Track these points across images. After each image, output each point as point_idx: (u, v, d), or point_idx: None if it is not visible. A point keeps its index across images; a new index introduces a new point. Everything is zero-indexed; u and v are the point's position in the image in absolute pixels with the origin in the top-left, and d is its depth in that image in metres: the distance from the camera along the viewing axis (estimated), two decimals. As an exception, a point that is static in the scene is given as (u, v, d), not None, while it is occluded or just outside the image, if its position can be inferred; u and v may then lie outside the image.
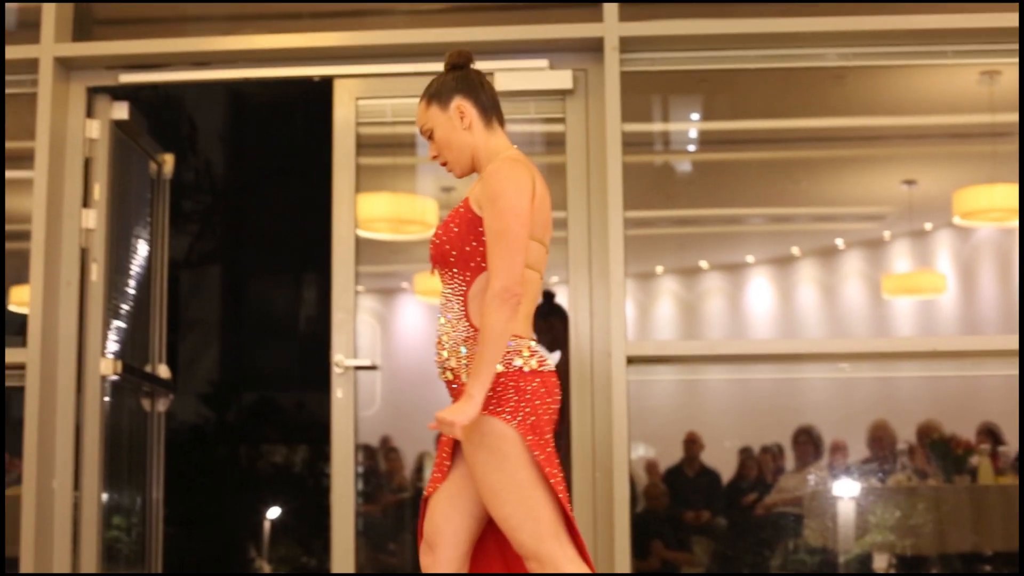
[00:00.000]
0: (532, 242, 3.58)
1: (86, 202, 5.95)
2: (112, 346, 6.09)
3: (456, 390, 3.61)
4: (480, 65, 5.76)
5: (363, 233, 5.97)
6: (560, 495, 3.53)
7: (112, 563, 6.26)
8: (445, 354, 3.63)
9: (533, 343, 3.62)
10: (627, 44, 5.74)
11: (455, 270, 3.64)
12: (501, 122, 3.80)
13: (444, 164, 3.81)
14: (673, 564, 7.85)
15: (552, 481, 3.52)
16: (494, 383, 3.51)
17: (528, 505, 3.50)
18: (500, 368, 3.52)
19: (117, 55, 6.00)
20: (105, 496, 6.06)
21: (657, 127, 6.97)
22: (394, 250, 9.03)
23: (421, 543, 3.72)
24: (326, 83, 5.94)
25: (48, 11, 5.98)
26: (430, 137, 3.78)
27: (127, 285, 6.38)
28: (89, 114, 6.04)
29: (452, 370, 3.61)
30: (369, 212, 7.96)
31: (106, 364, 5.93)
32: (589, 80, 5.85)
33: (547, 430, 3.57)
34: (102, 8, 6.26)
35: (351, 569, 5.72)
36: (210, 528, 8.99)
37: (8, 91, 6.14)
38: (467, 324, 3.57)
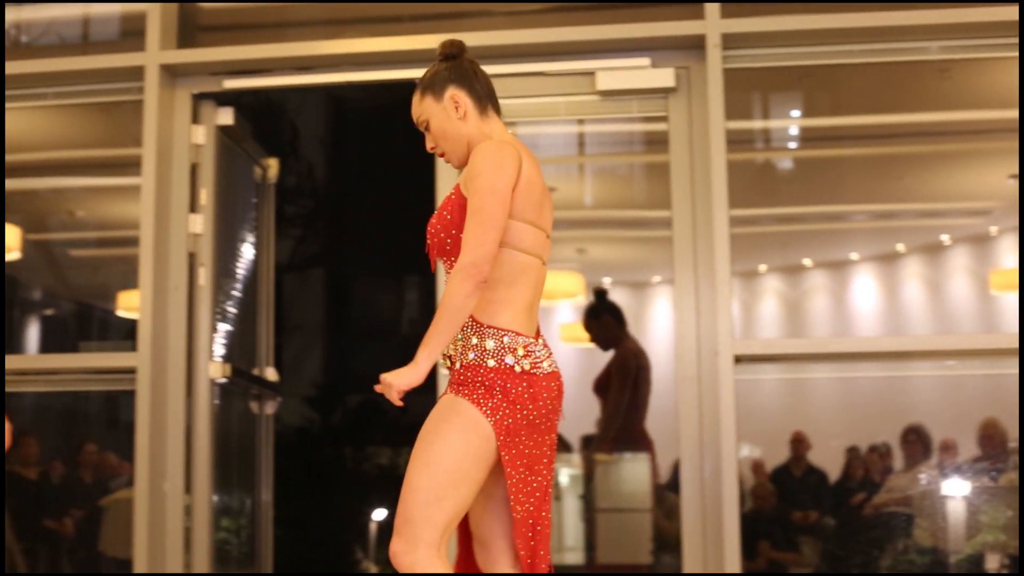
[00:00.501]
0: (522, 224, 3.53)
1: (193, 207, 6.01)
2: (220, 349, 6.15)
3: (454, 375, 3.55)
4: (582, 64, 5.81)
5: (464, 234, 5.95)
6: (516, 500, 3.47)
7: (223, 564, 6.31)
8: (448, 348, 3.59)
9: (533, 342, 3.55)
10: (729, 41, 5.70)
11: (452, 258, 3.61)
12: (497, 110, 3.77)
13: (442, 155, 3.78)
14: (781, 564, 7.78)
15: (511, 482, 3.46)
16: (484, 377, 3.47)
17: (446, 492, 3.42)
18: (492, 363, 3.48)
19: (221, 61, 6.06)
20: (215, 498, 6.11)
21: (759, 124, 6.91)
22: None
23: (460, 543, 3.70)
24: (428, 85, 5.96)
25: (153, 19, 6.06)
26: (426, 128, 3.76)
27: (234, 289, 6.44)
28: (195, 120, 6.11)
29: (449, 356, 3.56)
30: (469, 213, 7.94)
31: (215, 367, 5.99)
32: (691, 78, 5.82)
33: (523, 435, 3.49)
34: (206, 15, 6.33)
35: (454, 569, 5.72)
36: (318, 529, 9.04)
37: (114, 99, 6.23)
38: None
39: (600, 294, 8.25)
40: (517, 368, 3.49)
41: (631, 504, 8.20)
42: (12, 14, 6.84)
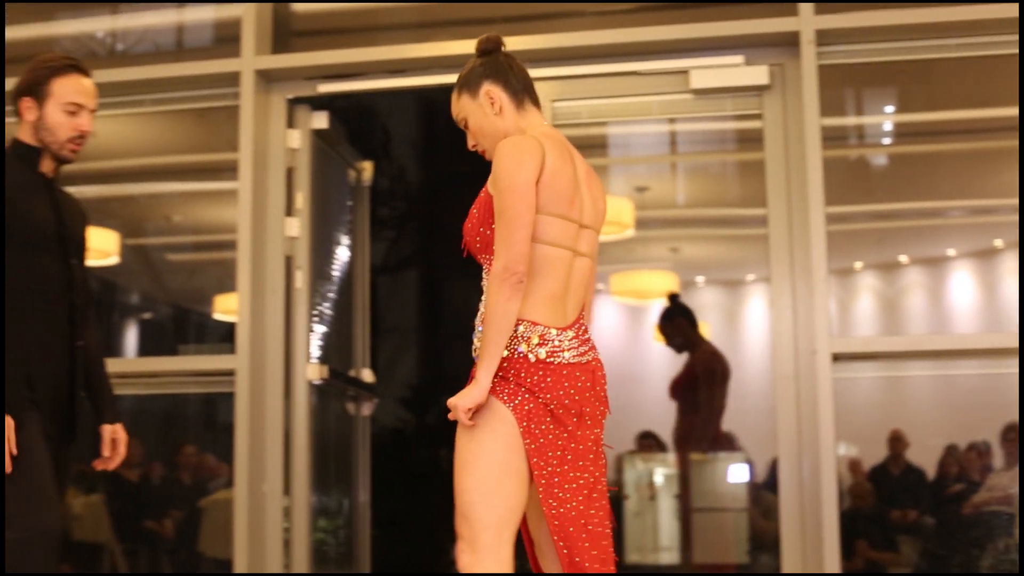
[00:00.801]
0: (547, 217, 3.49)
1: (289, 211, 6.05)
2: (316, 351, 6.19)
3: (474, 368, 3.54)
4: (675, 63, 5.79)
5: (559, 235, 5.95)
6: (549, 495, 3.42)
7: (321, 564, 6.36)
8: (476, 340, 3.58)
9: (554, 331, 3.50)
10: (823, 37, 5.65)
11: (483, 255, 3.60)
12: (535, 103, 3.74)
13: (482, 152, 3.77)
14: (879, 564, 7.70)
15: (536, 473, 3.41)
16: (498, 367, 3.45)
17: (491, 488, 3.40)
18: (504, 353, 3.45)
19: (315, 65, 6.10)
20: (313, 499, 6.15)
21: (854, 121, 6.85)
22: (589, 251, 9.02)
23: (528, 550, 3.66)
24: (520, 86, 5.96)
25: (248, 25, 6.11)
26: (466, 126, 3.75)
27: (330, 291, 6.48)
28: (290, 124, 6.16)
29: (478, 351, 3.55)
30: (564, 214, 7.94)
31: (312, 369, 6.03)
32: (786, 75, 5.78)
33: (548, 424, 3.45)
34: (299, 20, 6.37)
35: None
36: (414, 529, 9.08)
37: (210, 104, 6.30)
38: None
39: (673, 297, 8.26)
40: (531, 357, 3.45)
41: (727, 504, 8.17)
42: (108, 23, 6.94)
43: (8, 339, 3.97)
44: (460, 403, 3.40)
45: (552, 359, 3.48)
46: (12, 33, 7.07)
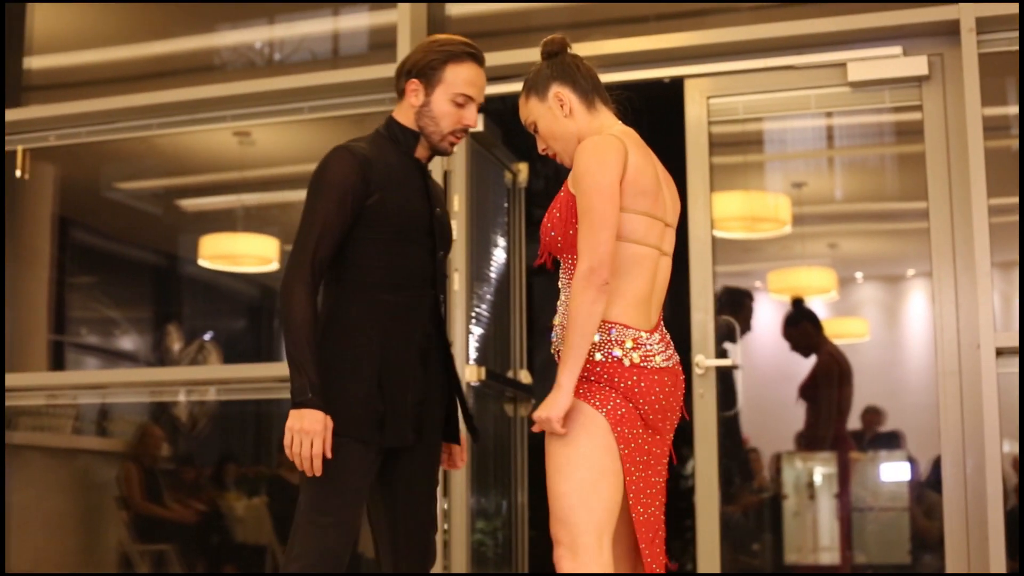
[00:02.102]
0: (634, 216, 3.45)
1: (447, 213, 6.10)
2: (474, 353, 6.22)
3: None
4: (831, 56, 5.73)
5: (717, 233, 5.93)
6: (636, 500, 3.40)
7: (479, 566, 6.39)
8: (556, 340, 3.55)
9: (644, 334, 3.47)
10: (983, 25, 5.54)
11: (565, 256, 3.56)
12: (605, 101, 3.69)
13: (554, 156, 3.72)
14: (1048, 563, 7.54)
15: (627, 478, 3.39)
16: (590, 371, 3.40)
17: (588, 491, 3.36)
18: (598, 357, 3.41)
19: (470, 69, 6.13)
20: (471, 500, 6.18)
21: (1016, 110, 6.71)
22: (746, 249, 8.94)
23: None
24: (676, 84, 5.94)
25: (403, 30, 6.17)
26: (535, 130, 3.71)
27: (487, 293, 6.51)
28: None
29: (557, 352, 3.51)
30: (723, 211, 7.93)
31: (471, 371, 6.06)
32: (945, 65, 5.68)
33: (639, 429, 3.42)
34: (453, 24, 6.41)
35: (717, 570, 5.69)
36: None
37: (367, 110, 6.35)
38: None
39: (797, 302, 8.26)
40: (626, 361, 3.42)
41: (888, 503, 8.06)
42: (265, 33, 7.05)
43: (355, 334, 3.78)
44: (549, 415, 3.36)
45: (645, 363, 3.46)
46: (172, 45, 7.23)
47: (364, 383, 3.75)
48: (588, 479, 3.37)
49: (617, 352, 3.43)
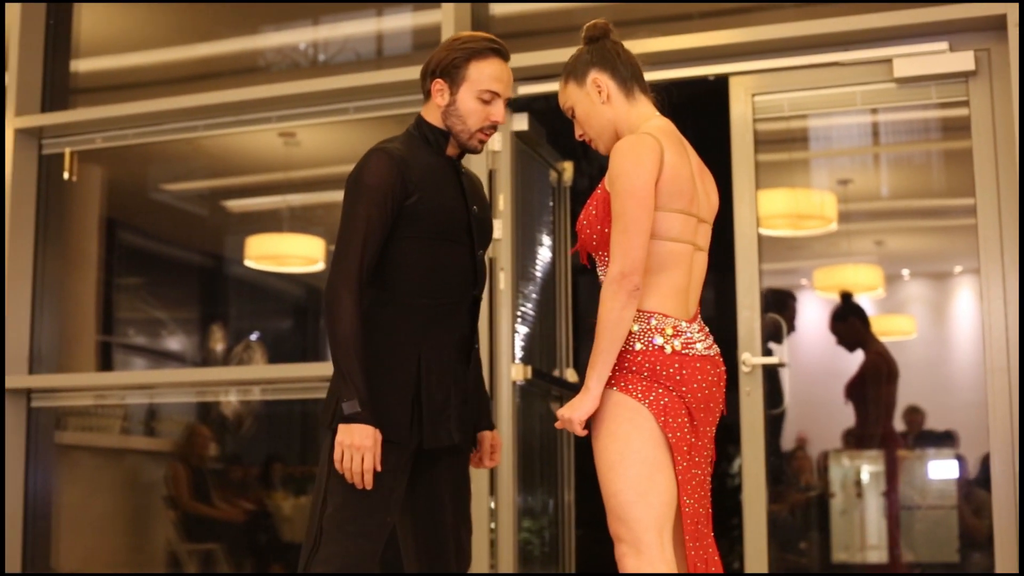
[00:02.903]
0: (669, 214, 3.44)
1: (492, 212, 6.08)
2: (520, 352, 6.22)
3: None
4: (877, 52, 5.69)
5: (763, 231, 5.91)
6: (684, 491, 3.37)
7: (525, 564, 6.39)
8: None
9: (684, 323, 3.45)
10: (1031, 19, 5.51)
11: (600, 253, 3.55)
12: (645, 91, 3.67)
13: (589, 142, 3.71)
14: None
15: (677, 469, 3.37)
16: (631, 361, 3.38)
17: (645, 486, 3.35)
18: (639, 346, 3.39)
19: (515, 68, 6.09)
20: (518, 499, 6.18)
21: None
22: (792, 246, 8.92)
23: None
24: (721, 81, 5.92)
25: (447, 30, 6.16)
26: (573, 116, 3.70)
27: (532, 291, 6.51)
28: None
29: None
30: (768, 209, 7.90)
31: (516, 370, 6.06)
32: (992, 60, 5.64)
33: (683, 418, 3.39)
34: (498, 24, 6.41)
35: (764, 569, 5.67)
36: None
37: (412, 110, 6.33)
38: None
39: (846, 297, 8.20)
40: (668, 348, 3.41)
41: (936, 501, 8.02)
42: (309, 34, 7.08)
43: (394, 335, 3.76)
44: (573, 415, 3.37)
45: (687, 350, 3.44)
46: (218, 47, 7.26)
47: (401, 385, 3.75)
48: (643, 474, 3.36)
49: (658, 339, 3.42)
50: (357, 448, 3.59)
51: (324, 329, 7.99)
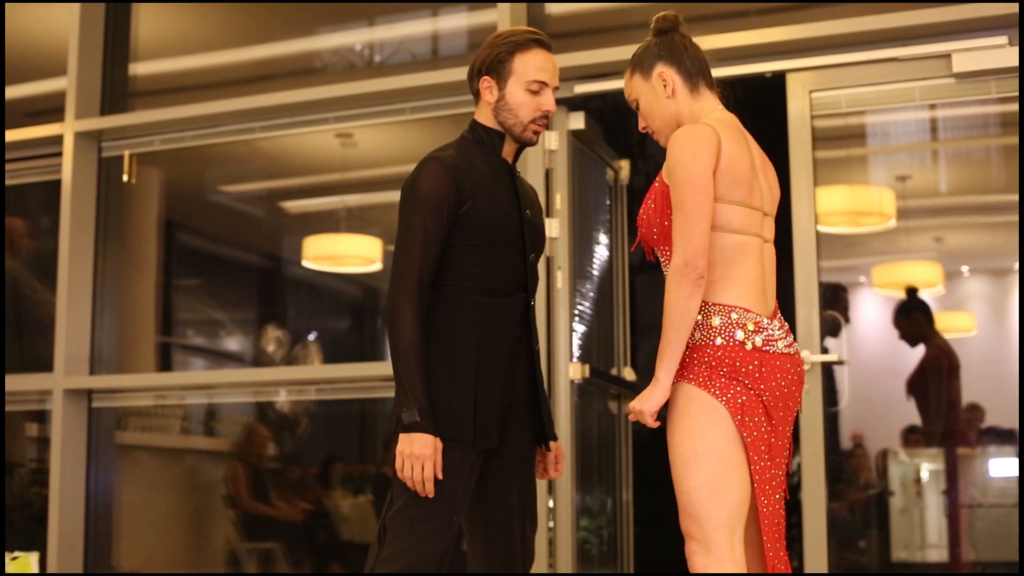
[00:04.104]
0: (729, 206, 3.41)
1: (548, 211, 6.09)
2: (577, 350, 6.22)
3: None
4: (934, 47, 5.64)
5: (821, 228, 5.88)
6: (761, 491, 3.34)
7: (583, 564, 6.38)
8: None
9: (765, 320, 3.42)
10: (1093, 12, 5.45)
11: (662, 247, 3.53)
12: (710, 85, 3.65)
13: (652, 134, 3.68)
14: None
15: (754, 468, 3.34)
16: (711, 356, 3.36)
17: (717, 484, 3.32)
18: (719, 341, 3.36)
19: (571, 67, 6.12)
20: (576, 498, 6.18)
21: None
22: (850, 243, 8.89)
23: None
24: (778, 78, 5.89)
25: (503, 29, 6.17)
26: (637, 107, 3.67)
27: (590, 290, 6.51)
28: (547, 126, 6.18)
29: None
30: (826, 206, 7.86)
31: (574, 368, 6.05)
32: (1052, 54, 5.59)
33: (760, 416, 3.36)
34: (553, 22, 6.40)
35: (824, 569, 5.64)
36: (677, 528, 9.04)
37: (468, 110, 6.32)
38: None
39: (911, 291, 8.15)
40: (748, 345, 3.38)
41: (997, 499, 7.97)
42: (365, 35, 7.10)
43: (453, 338, 3.77)
44: (644, 407, 3.36)
45: (768, 347, 3.42)
46: (274, 49, 7.30)
47: (462, 387, 3.76)
48: (717, 471, 3.34)
49: (739, 335, 3.39)
50: (417, 457, 3.61)
51: (382, 327, 8.00)
